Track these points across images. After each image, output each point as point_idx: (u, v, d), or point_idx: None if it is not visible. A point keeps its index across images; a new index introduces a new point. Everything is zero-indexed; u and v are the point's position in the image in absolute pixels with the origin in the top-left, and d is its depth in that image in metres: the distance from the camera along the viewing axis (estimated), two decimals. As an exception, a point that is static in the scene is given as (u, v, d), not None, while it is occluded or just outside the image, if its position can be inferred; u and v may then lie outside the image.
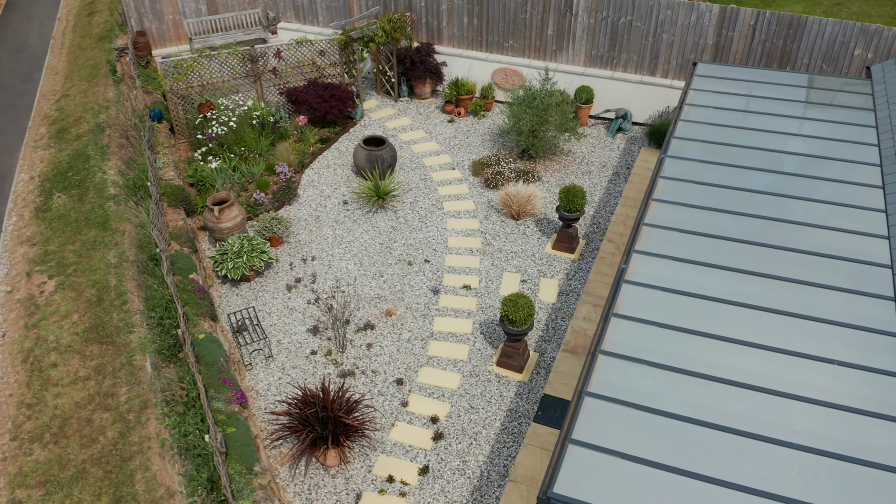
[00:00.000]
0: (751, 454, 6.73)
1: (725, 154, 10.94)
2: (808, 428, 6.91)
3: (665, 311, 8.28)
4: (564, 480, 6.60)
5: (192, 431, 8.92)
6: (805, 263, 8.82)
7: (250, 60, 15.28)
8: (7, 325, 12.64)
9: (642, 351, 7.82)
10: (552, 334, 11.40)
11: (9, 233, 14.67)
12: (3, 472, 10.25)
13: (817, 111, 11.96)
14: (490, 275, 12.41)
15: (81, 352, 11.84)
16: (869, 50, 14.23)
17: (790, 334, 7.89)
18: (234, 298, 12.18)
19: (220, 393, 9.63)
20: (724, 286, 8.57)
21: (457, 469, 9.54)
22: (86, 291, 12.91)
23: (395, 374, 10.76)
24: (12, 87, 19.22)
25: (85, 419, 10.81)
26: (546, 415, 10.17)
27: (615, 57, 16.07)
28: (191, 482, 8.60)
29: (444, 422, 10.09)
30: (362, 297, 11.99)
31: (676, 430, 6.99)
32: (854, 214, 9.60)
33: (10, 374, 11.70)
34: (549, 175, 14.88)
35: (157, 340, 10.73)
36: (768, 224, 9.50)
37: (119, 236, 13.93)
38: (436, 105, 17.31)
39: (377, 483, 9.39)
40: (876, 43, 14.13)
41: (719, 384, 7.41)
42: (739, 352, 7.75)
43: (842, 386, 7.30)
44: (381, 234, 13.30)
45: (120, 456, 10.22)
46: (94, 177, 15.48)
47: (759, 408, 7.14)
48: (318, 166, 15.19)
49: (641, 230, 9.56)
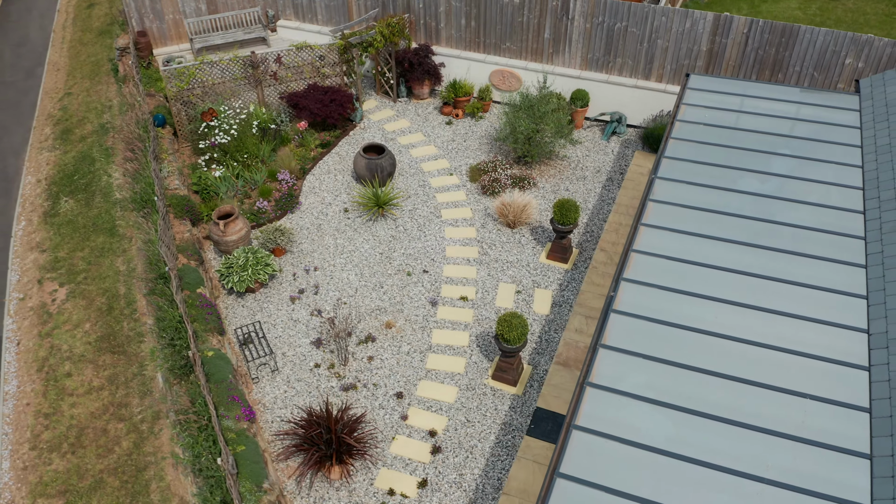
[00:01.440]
0: (724, 486, 7.28)
1: (713, 175, 11.31)
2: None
3: (652, 341, 8.77)
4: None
5: (205, 454, 9.46)
6: (787, 294, 9.28)
7: (251, 66, 15.52)
8: (21, 334, 13.14)
9: (632, 385, 8.33)
10: (545, 346, 11.91)
11: (18, 238, 15.08)
12: (25, 481, 10.85)
13: (805, 129, 12.29)
14: (486, 285, 12.88)
15: (94, 361, 12.36)
16: (860, 59, 14.50)
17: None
18: (240, 310, 12.66)
19: (230, 411, 10.17)
20: (713, 317, 9.04)
21: (454, 482, 10.13)
22: (96, 300, 13.39)
23: (395, 387, 11.29)
24: (15, 84, 19.43)
25: (100, 429, 11.37)
26: (539, 428, 10.73)
27: (610, 61, 16.31)
28: (205, 503, 9.18)
29: (442, 435, 10.66)
30: (363, 309, 12.48)
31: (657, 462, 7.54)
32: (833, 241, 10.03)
33: (26, 384, 12.24)
34: (545, 181, 15.25)
35: (168, 360, 11.25)
36: (753, 251, 9.93)
37: (126, 243, 14.36)
38: (434, 106, 17.58)
39: (379, 496, 9.99)
40: (867, 53, 14.38)
41: (699, 417, 7.94)
42: (723, 384, 8.25)
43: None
44: (380, 244, 13.73)
45: (135, 466, 10.81)
46: (99, 180, 15.84)
47: (737, 440, 7.68)
48: (318, 172, 15.55)
49: (630, 256, 10.00)
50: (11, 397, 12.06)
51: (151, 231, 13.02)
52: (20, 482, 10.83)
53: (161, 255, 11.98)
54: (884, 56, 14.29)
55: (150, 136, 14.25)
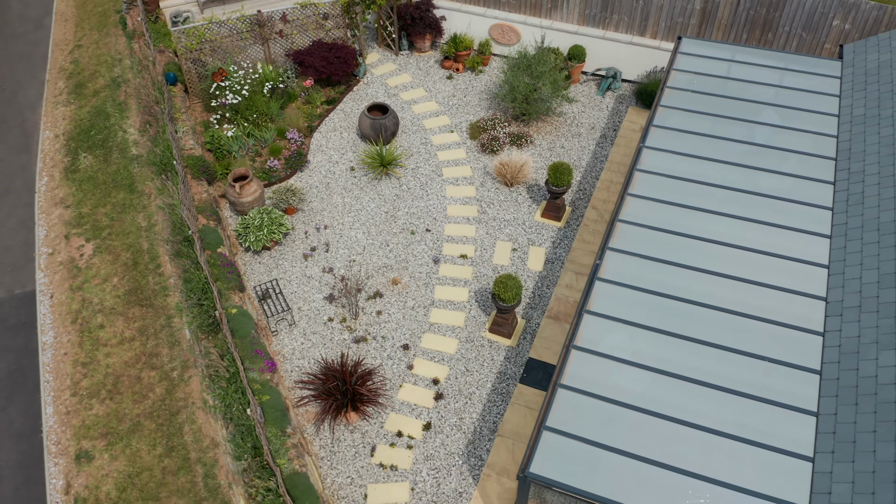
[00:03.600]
0: (686, 438, 8.46)
1: (697, 145, 12.09)
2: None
3: (633, 308, 9.81)
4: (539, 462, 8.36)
5: (235, 405, 10.66)
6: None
7: (258, 24, 16.00)
8: (53, 287, 14.18)
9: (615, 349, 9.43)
10: (538, 301, 12.99)
11: (42, 194, 15.93)
12: (69, 424, 12.11)
13: (789, 97, 12.97)
14: (484, 243, 13.85)
15: (124, 314, 13.46)
16: (847, 21, 14.98)
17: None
18: (258, 267, 13.67)
19: (254, 363, 11.32)
20: (688, 285, 10.05)
21: (454, 425, 11.39)
22: (122, 255, 14.37)
23: (401, 339, 12.43)
24: (25, 36, 19.83)
25: (134, 377, 12.57)
26: (530, 377, 11.92)
27: (607, 17, 16.75)
28: (237, 448, 10.43)
29: (444, 383, 11.86)
30: (371, 267, 13.49)
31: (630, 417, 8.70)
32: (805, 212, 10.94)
33: (62, 335, 13.36)
34: (542, 138, 15.98)
35: (196, 319, 12.32)
36: (730, 220, 10.85)
37: (146, 199, 15.23)
38: (435, 59, 18.09)
39: (388, 437, 11.26)
40: (854, 15, 14.86)
41: (672, 378, 9.07)
42: (695, 348, 9.34)
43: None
44: (385, 203, 14.62)
45: (168, 411, 12.04)
46: (115, 136, 16.56)
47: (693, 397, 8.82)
48: (325, 129, 16.26)
49: (616, 226, 10.93)
50: (50, 347, 13.19)
51: (174, 193, 13.88)
52: (64, 425, 12.08)
53: (184, 219, 12.89)
54: (870, 19, 14.77)
55: (165, 97, 14.90)
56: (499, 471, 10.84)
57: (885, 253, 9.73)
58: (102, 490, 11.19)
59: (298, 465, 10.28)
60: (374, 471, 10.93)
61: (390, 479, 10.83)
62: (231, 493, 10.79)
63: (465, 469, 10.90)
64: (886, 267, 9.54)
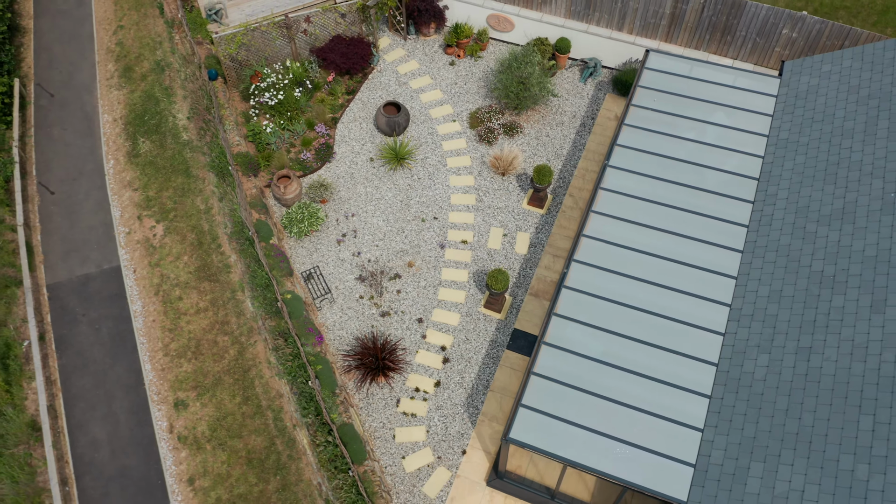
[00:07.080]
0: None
1: (650, 165, 15.17)
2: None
3: (595, 316, 13.40)
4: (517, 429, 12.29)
5: (300, 377, 14.52)
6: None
7: (286, 27, 18.49)
8: (135, 263, 17.66)
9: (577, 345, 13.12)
10: (522, 281, 16.56)
11: (111, 176, 19.03)
12: (165, 379, 16.01)
13: (731, 117, 15.85)
14: (481, 229, 17.22)
15: (197, 287, 17.03)
16: (794, 30, 17.56)
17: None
18: (301, 251, 17.11)
19: (307, 339, 15.07)
20: (632, 293, 13.57)
21: (457, 383, 15.31)
22: (188, 235, 17.74)
23: (416, 314, 16.11)
24: (69, 13, 22.03)
25: (212, 341, 16.34)
26: (515, 344, 15.70)
27: (590, 14, 19.16)
28: (303, 410, 14.39)
29: (450, 349, 15.66)
30: (390, 251, 16.94)
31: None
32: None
33: (149, 305, 17.01)
34: (530, 126, 18.91)
35: (262, 306, 15.92)
36: (669, 237, 14.18)
37: (201, 183, 18.37)
38: (438, 43, 20.57)
39: (409, 392, 15.20)
40: (800, 27, 17.42)
41: (612, 368, 12.82)
42: (628, 344, 13.01)
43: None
44: (400, 192, 17.83)
45: (241, 368, 15.92)
46: (167, 121, 19.41)
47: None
48: (347, 119, 19.13)
49: (580, 240, 14.29)
50: (140, 315, 16.88)
51: (233, 198, 17.08)
52: (161, 380, 15.98)
53: (244, 221, 16.19)
54: (813, 30, 17.34)
55: (214, 104, 17.70)
56: (490, 417, 14.87)
57: (778, 272, 13.20)
58: (198, 430, 15.27)
59: (346, 418, 14.28)
60: (399, 418, 14.97)
61: (411, 423, 14.88)
62: (296, 433, 14.87)
63: (466, 416, 14.92)
64: (776, 284, 13.05)
